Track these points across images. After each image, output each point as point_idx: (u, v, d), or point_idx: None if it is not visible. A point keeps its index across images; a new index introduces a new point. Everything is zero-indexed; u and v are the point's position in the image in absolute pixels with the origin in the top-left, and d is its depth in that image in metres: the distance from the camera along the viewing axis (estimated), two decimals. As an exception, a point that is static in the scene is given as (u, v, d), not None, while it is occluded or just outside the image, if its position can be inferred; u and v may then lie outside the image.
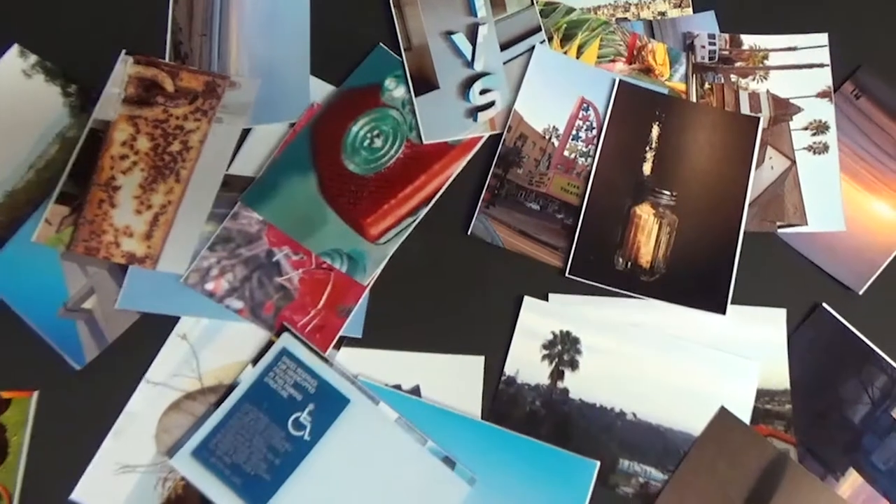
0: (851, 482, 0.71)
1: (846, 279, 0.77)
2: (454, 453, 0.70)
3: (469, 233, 0.78)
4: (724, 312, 0.75)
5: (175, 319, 0.74)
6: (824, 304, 0.76)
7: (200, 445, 0.70)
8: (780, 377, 0.74)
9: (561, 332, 0.75)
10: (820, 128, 0.81)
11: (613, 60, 0.84)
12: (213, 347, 0.74)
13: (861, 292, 0.77)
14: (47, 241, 0.75)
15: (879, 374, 0.74)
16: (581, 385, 0.74)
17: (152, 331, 0.73)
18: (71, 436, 0.71)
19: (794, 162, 0.81)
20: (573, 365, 0.74)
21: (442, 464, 0.70)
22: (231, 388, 0.72)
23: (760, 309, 0.76)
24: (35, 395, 0.72)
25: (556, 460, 0.71)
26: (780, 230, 0.79)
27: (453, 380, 0.73)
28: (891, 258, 0.77)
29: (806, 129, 0.81)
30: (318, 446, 0.70)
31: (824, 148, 0.81)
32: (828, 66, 0.83)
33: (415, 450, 0.70)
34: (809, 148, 0.81)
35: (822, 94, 0.82)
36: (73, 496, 0.69)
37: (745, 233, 0.77)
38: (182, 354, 0.73)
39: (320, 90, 0.81)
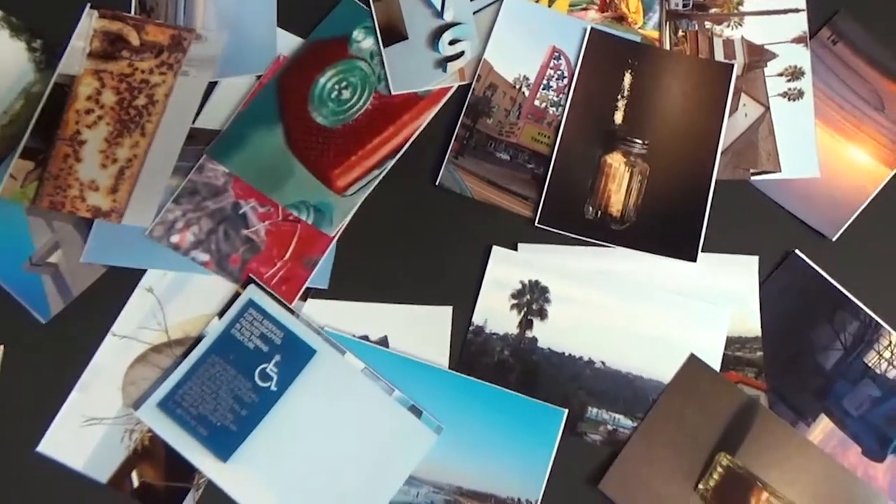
0: (822, 427, 0.71)
1: (820, 226, 0.76)
2: (421, 403, 0.70)
3: (437, 183, 0.77)
4: (694, 260, 0.74)
5: (141, 273, 0.73)
6: (797, 251, 0.75)
7: (166, 397, 0.70)
8: (751, 324, 0.73)
9: (530, 281, 0.74)
10: (795, 74, 0.80)
11: (586, 9, 0.82)
12: (180, 300, 0.73)
13: (835, 239, 0.76)
14: (12, 195, 0.75)
15: (852, 321, 0.73)
16: (550, 334, 0.73)
17: (118, 284, 0.73)
18: (37, 389, 0.70)
19: (768, 109, 0.79)
20: (542, 314, 0.74)
21: (409, 413, 0.70)
22: (197, 340, 0.72)
23: (732, 256, 0.75)
24: (0, 349, 0.72)
25: (524, 408, 0.70)
26: (753, 177, 0.78)
27: (421, 330, 0.73)
28: (865, 204, 0.76)
29: (781, 75, 0.80)
30: (285, 397, 0.70)
31: (799, 94, 0.79)
32: (804, 11, 0.81)
33: (381, 399, 0.70)
34: (784, 94, 0.80)
35: (798, 40, 0.81)
36: (40, 448, 0.69)
37: (717, 181, 0.76)
38: (148, 307, 0.73)
39: (287, 42, 0.80)
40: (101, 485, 0.68)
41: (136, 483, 0.69)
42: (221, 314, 0.72)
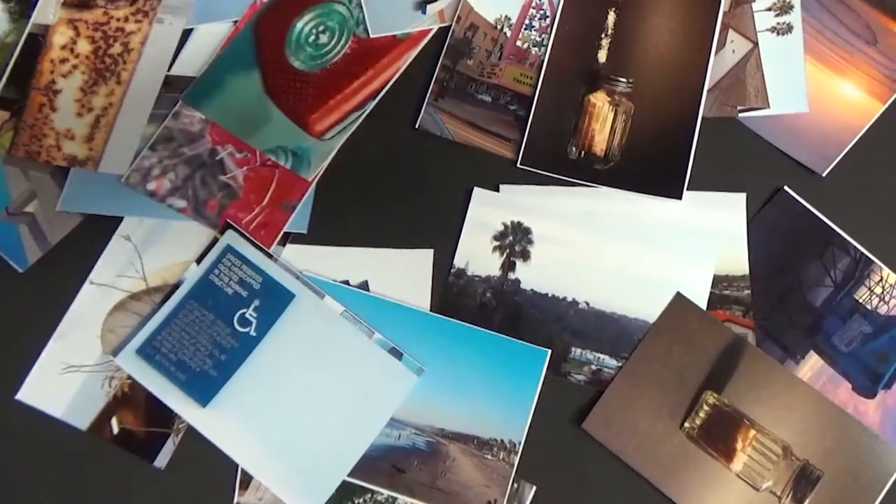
0: (811, 365, 0.69)
1: (809, 162, 0.74)
2: (403, 345, 0.69)
3: (417, 127, 0.75)
4: (680, 197, 0.72)
5: (118, 221, 0.73)
6: (786, 188, 0.73)
7: (145, 343, 0.69)
8: (738, 262, 0.72)
9: (512, 222, 0.73)
10: (784, 8, 0.78)
11: (568, -53, 0.80)
12: (157, 247, 0.72)
13: (824, 174, 0.74)
14: (-13, 146, 0.74)
15: (842, 256, 0.71)
16: (533, 275, 0.72)
17: (95, 233, 0.72)
18: (15, 337, 0.70)
19: (756, 44, 0.77)
20: (524, 255, 0.72)
21: (389, 355, 0.69)
22: (175, 286, 0.71)
23: (719, 194, 0.73)
24: (-21, 298, 0.71)
25: (506, 350, 0.69)
26: (740, 114, 0.76)
27: (402, 274, 0.72)
28: (856, 139, 0.74)
29: (769, 9, 0.78)
30: (265, 341, 0.69)
31: (788, 28, 0.77)
32: (792, -57, 0.79)
33: (361, 342, 0.69)
34: (773, 29, 0.77)
35: (786, -27, 0.79)
36: (19, 396, 0.69)
37: (704, 118, 0.74)
38: (126, 255, 0.72)
39: (263, -13, 0.78)
40: (81, 431, 0.68)
41: (115, 429, 0.68)
42: (199, 260, 0.71)
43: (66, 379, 0.69)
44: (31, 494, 0.67)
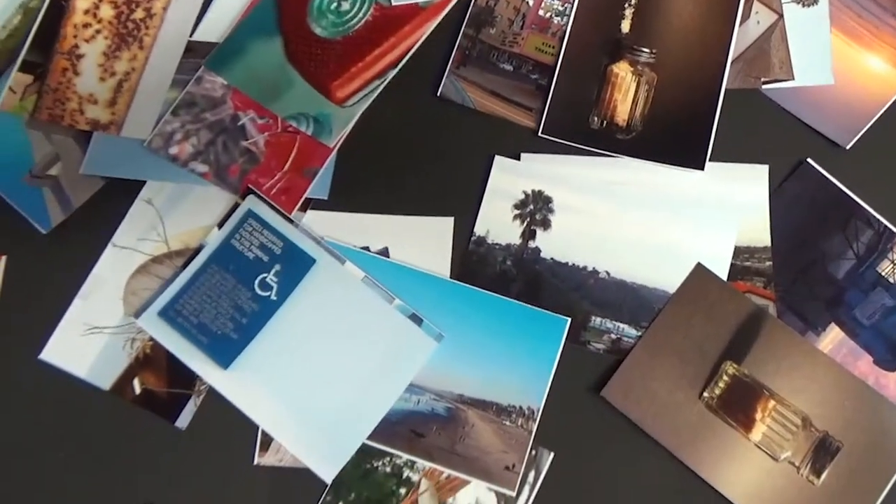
0: (832, 337, 0.69)
1: (833, 134, 0.74)
2: (422, 312, 0.69)
3: (439, 95, 0.75)
4: (702, 168, 0.72)
5: (140, 185, 0.73)
6: (809, 160, 0.73)
7: (167, 306, 0.70)
8: (760, 234, 0.71)
9: (533, 191, 0.73)
10: (810, -20, 0.77)
11: (592, -84, 0.79)
12: (179, 212, 0.73)
13: (848, 147, 0.73)
14: (11, 108, 0.74)
15: (865, 229, 0.71)
16: (553, 244, 0.72)
17: (118, 196, 0.73)
18: (39, 299, 0.71)
19: (781, 16, 0.77)
20: (545, 224, 0.72)
21: (409, 321, 0.69)
22: (197, 250, 0.71)
23: (741, 166, 0.73)
24: (3, 259, 0.72)
25: (526, 317, 0.69)
26: (764, 86, 0.75)
27: (422, 241, 0.72)
28: (881, 112, 0.74)
29: (795, -19, 0.77)
30: (285, 306, 0.69)
31: (814, 0, 0.77)
32: (820, -86, 0.78)
33: (381, 308, 0.69)
34: (798, 1, 0.77)
35: (813, -56, 0.78)
36: (42, 356, 0.69)
37: (727, 90, 0.74)
38: (148, 219, 0.72)
39: (286, -46, 0.78)
40: (104, 391, 0.69)
41: (137, 390, 0.69)
42: (221, 225, 0.72)
43: (89, 340, 0.70)
44: (54, 453, 0.67)
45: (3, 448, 0.68)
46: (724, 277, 0.71)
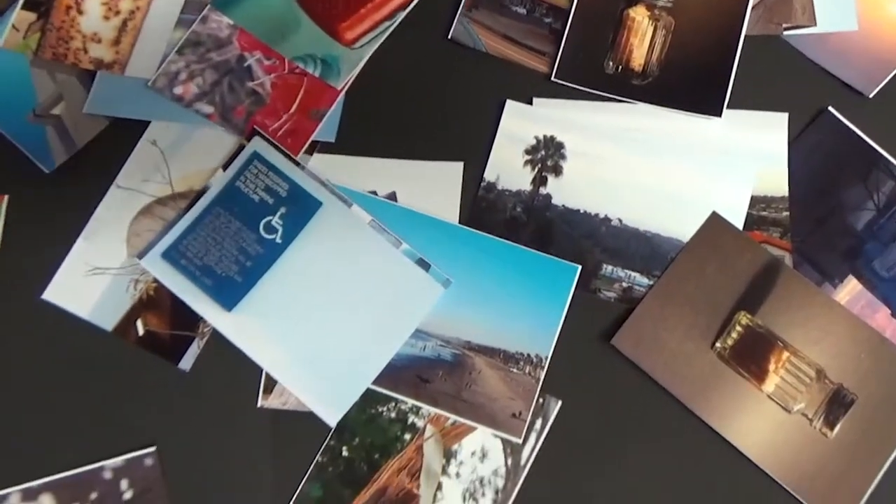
0: (850, 289, 0.67)
1: (855, 82, 0.71)
2: (430, 257, 0.68)
3: (450, 37, 0.73)
4: (719, 115, 0.70)
5: (144, 125, 0.72)
6: (830, 109, 0.70)
7: (171, 247, 0.69)
8: (778, 183, 0.70)
9: (545, 136, 0.71)
10: (836, -77, 0.74)
11: None
12: (184, 153, 0.71)
13: (871, 96, 0.71)
14: (14, 46, 0.73)
15: (887, 180, 0.69)
16: (565, 191, 0.70)
17: (122, 137, 0.71)
18: (42, 239, 0.70)
19: (805, -40, 0.74)
20: (557, 170, 0.71)
21: (416, 266, 0.68)
22: (201, 192, 0.70)
23: (760, 113, 0.71)
24: (5, 199, 0.71)
25: (536, 264, 0.68)
26: (785, 32, 0.73)
27: (430, 186, 0.70)
28: (907, 59, 0.71)
29: (820, -76, 0.74)
30: (290, 249, 0.68)
31: (839, -56, 0.74)
32: None
33: (388, 252, 0.68)
34: (823, -56, 0.74)
35: None
36: (45, 296, 0.68)
37: (747, 36, 0.72)
38: (152, 160, 0.71)
39: None
40: (107, 332, 0.68)
41: (141, 331, 0.68)
42: (226, 167, 0.70)
43: (92, 280, 0.69)
44: (56, 394, 0.67)
45: (3, 389, 0.67)
46: (740, 227, 0.69)
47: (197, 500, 0.65)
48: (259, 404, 0.66)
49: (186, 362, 0.67)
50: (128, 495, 0.64)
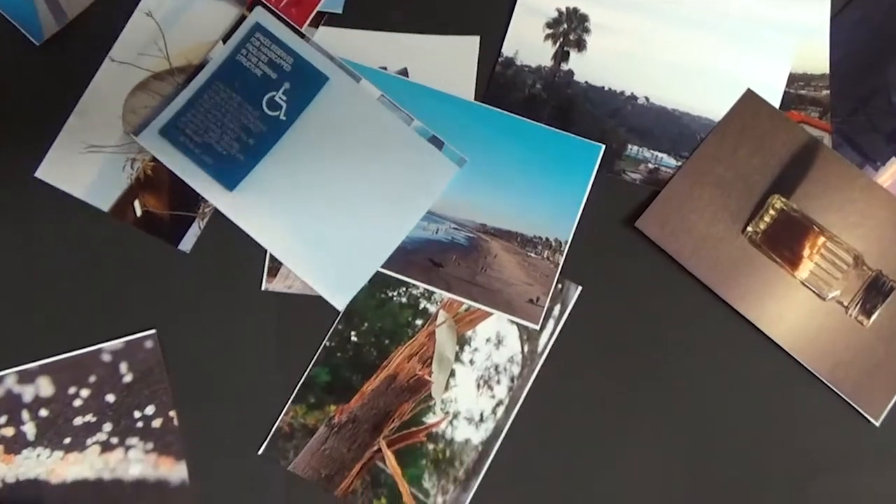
0: (892, 172, 0.63)
1: (907, -50, 0.66)
2: (444, 135, 0.64)
3: None
4: (758, -17, 0.65)
5: (140, -5, 0.67)
6: (878, -21, 0.65)
7: (169, 123, 0.65)
8: (818, 60, 0.65)
9: (567, 8, 0.66)
10: None
11: None
12: (182, 25, 0.67)
13: (924, -35, 0.65)
14: (-2, -90, 0.68)
15: (937, 56, 0.64)
16: (588, 67, 0.65)
17: (115, 7, 0.67)
18: (33, 114, 0.66)
19: None
20: (580, 45, 0.66)
21: (429, 144, 0.64)
22: (200, 66, 0.66)
23: (802, -16, 0.65)
24: (-6, 72, 0.67)
25: (556, 143, 0.64)
26: None
27: (444, 62, 0.66)
28: (964, -75, 0.65)
29: None
30: (295, 126, 0.64)
31: None
32: None
33: (399, 129, 0.64)
34: None
35: None
36: (38, 174, 0.65)
37: None
38: (148, 33, 0.67)
39: None
40: (104, 213, 0.64)
41: (139, 212, 0.64)
42: (226, 39, 0.66)
43: (87, 158, 0.65)
44: (52, 275, 0.64)
45: (-1, 272, 0.64)
46: (777, 106, 0.64)
47: (199, 385, 0.62)
48: (263, 287, 0.63)
49: (187, 244, 0.64)
50: (127, 378, 0.62)
